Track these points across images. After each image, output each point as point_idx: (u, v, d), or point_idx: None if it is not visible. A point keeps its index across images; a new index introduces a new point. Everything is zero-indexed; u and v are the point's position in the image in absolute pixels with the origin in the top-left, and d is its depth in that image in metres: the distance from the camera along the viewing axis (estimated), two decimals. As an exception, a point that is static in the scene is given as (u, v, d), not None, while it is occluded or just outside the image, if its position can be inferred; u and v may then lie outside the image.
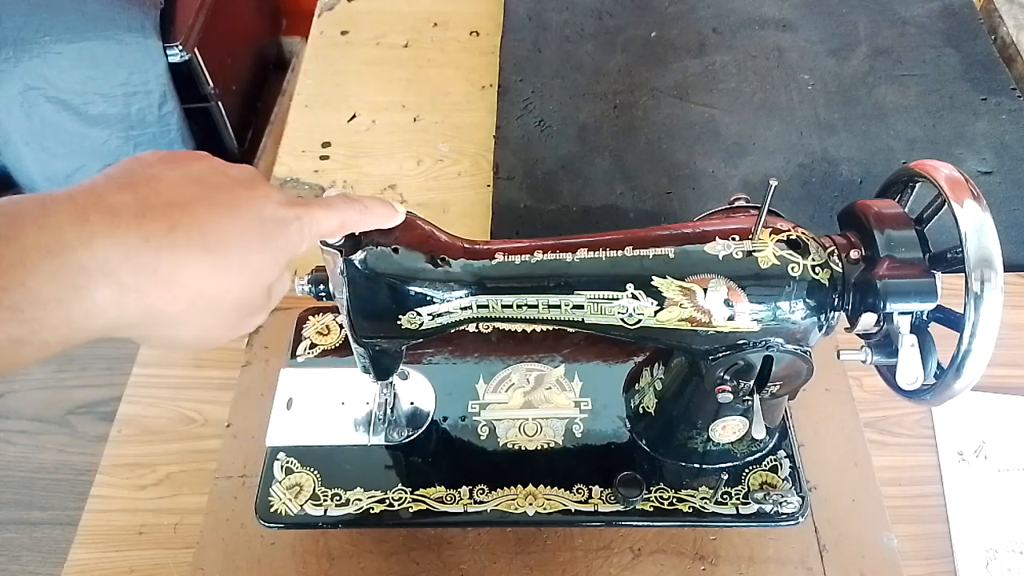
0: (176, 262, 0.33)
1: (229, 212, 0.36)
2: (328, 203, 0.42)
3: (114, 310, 0.32)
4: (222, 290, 0.35)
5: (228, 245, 0.35)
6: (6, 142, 1.10)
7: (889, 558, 0.61)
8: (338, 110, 1.00)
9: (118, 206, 0.32)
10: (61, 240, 0.30)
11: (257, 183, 0.39)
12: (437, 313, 0.51)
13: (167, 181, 0.35)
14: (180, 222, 0.34)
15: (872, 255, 0.48)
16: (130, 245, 0.32)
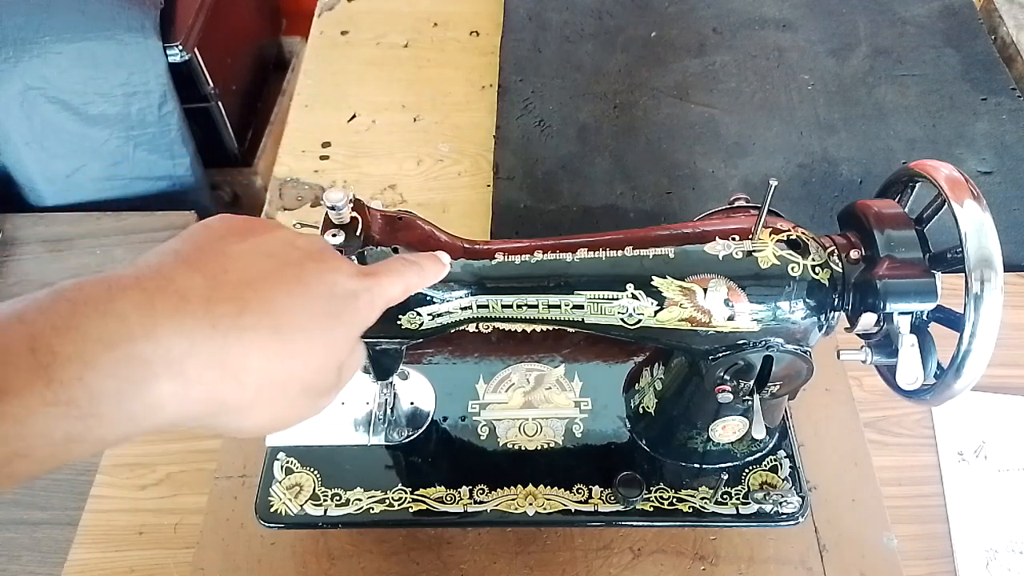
0: (244, 349, 0.31)
1: (299, 290, 0.34)
2: (392, 269, 0.42)
3: (176, 404, 0.30)
4: (291, 374, 0.34)
5: (298, 326, 0.33)
6: (6, 142, 1.10)
7: (889, 558, 0.61)
8: (338, 110, 1.00)
9: (186, 290, 0.31)
10: (125, 330, 0.28)
11: (327, 255, 0.37)
12: (437, 313, 0.51)
13: (236, 257, 0.34)
14: (249, 304, 0.32)
15: (872, 255, 0.48)
16: (197, 335, 0.30)
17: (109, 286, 0.30)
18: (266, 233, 0.36)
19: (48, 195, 1.14)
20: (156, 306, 0.29)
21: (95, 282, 0.30)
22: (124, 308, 0.29)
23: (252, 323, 0.32)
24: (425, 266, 0.45)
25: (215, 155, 1.31)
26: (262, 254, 0.35)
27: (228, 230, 0.35)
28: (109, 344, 0.28)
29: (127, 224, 0.87)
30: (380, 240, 0.48)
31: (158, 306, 0.30)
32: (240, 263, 0.33)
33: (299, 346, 0.34)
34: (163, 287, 0.30)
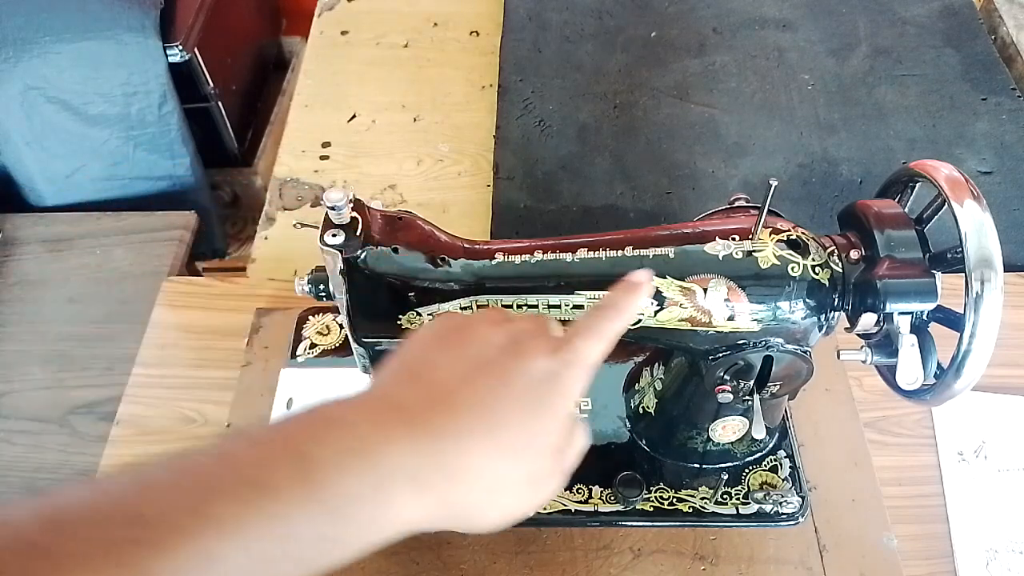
0: (462, 452, 0.34)
1: (501, 389, 0.36)
2: (587, 329, 0.40)
3: (416, 507, 0.33)
4: (512, 469, 0.35)
5: (507, 423, 0.35)
6: (6, 142, 1.10)
7: (889, 558, 0.61)
8: (338, 110, 1.00)
9: (407, 402, 0.35)
10: (365, 441, 0.32)
11: (521, 346, 0.38)
12: (437, 313, 0.51)
13: (442, 366, 0.37)
14: (459, 410, 0.35)
15: (872, 255, 0.48)
16: (421, 444, 0.33)
17: (349, 405, 0.34)
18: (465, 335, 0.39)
19: (48, 195, 1.14)
20: (386, 420, 0.33)
21: (339, 402, 0.35)
22: (362, 422, 0.33)
23: (466, 427, 0.34)
24: (620, 306, 0.42)
25: (215, 155, 1.31)
26: (461, 359, 0.37)
27: (430, 340, 0.39)
28: (355, 453, 0.32)
29: (127, 224, 0.87)
30: (380, 240, 0.48)
31: (388, 419, 0.34)
32: (445, 371, 0.37)
33: (512, 441, 0.35)
34: (388, 403, 0.35)
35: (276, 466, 0.30)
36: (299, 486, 0.30)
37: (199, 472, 0.30)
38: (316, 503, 0.30)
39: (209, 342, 0.75)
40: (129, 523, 0.28)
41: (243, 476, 0.30)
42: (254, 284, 0.81)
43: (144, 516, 0.28)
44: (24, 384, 0.74)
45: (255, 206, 1.33)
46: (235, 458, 0.31)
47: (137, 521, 0.28)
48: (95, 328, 0.78)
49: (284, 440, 0.32)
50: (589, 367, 0.39)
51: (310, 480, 0.30)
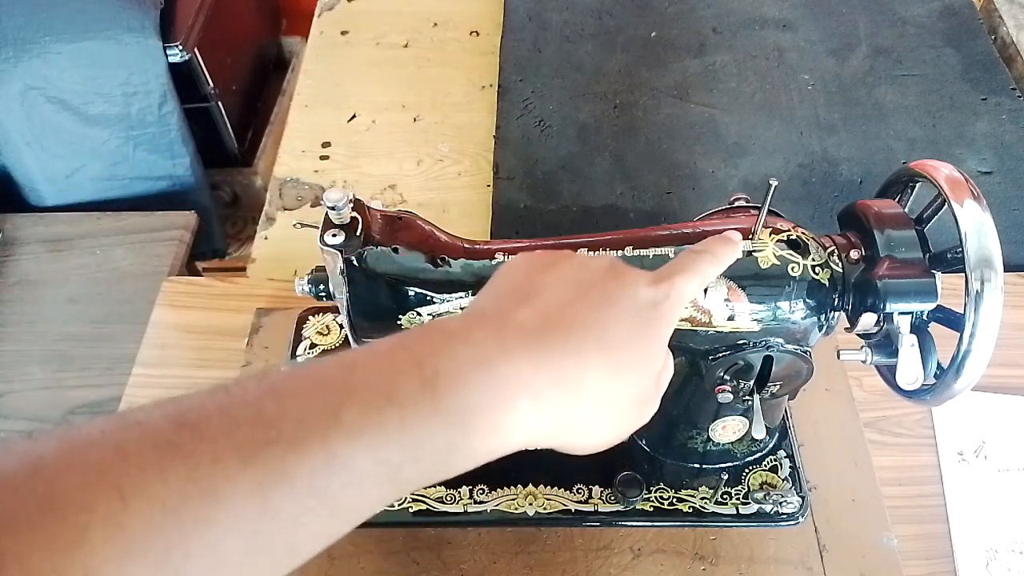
0: (580, 367, 0.35)
1: (608, 307, 0.37)
2: (684, 266, 0.42)
3: (533, 419, 0.34)
4: (622, 386, 0.37)
5: (617, 342, 0.36)
6: (6, 142, 1.10)
7: (889, 558, 0.61)
8: (338, 110, 1.00)
9: (522, 321, 0.35)
10: (485, 354, 0.33)
11: (621, 270, 0.40)
12: (437, 313, 0.51)
13: (548, 287, 0.38)
14: (573, 327, 0.36)
15: (872, 255, 0.48)
16: (540, 356, 0.34)
17: (463, 321, 0.36)
18: (563, 261, 0.40)
19: (48, 195, 1.14)
20: (505, 335, 0.35)
21: (452, 320, 0.36)
22: (482, 337, 0.34)
23: (580, 343, 0.35)
24: (717, 252, 0.44)
25: (215, 155, 1.31)
26: (566, 281, 0.38)
27: (531, 266, 0.40)
28: (478, 364, 0.33)
29: (127, 224, 0.87)
30: (380, 240, 0.48)
31: (506, 335, 0.35)
32: (553, 292, 0.37)
33: (623, 358, 0.37)
34: (504, 321, 0.36)
35: (401, 376, 0.31)
36: (424, 396, 0.31)
37: (326, 379, 0.31)
38: (441, 412, 0.31)
39: (209, 342, 0.75)
40: (260, 424, 0.29)
41: (370, 384, 0.31)
42: (254, 284, 0.81)
43: (274, 418, 0.29)
44: (24, 384, 0.74)
45: (255, 206, 1.33)
46: (360, 368, 0.32)
47: (267, 422, 0.29)
48: (95, 328, 0.78)
49: (407, 352, 0.33)
50: (683, 302, 0.41)
51: (435, 390, 0.31)
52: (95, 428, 0.28)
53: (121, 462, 0.27)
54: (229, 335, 0.75)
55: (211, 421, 0.29)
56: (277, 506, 0.28)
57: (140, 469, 0.27)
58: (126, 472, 0.27)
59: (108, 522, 0.26)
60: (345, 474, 0.29)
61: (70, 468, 0.27)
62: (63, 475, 0.26)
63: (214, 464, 0.28)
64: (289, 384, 0.31)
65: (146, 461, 0.27)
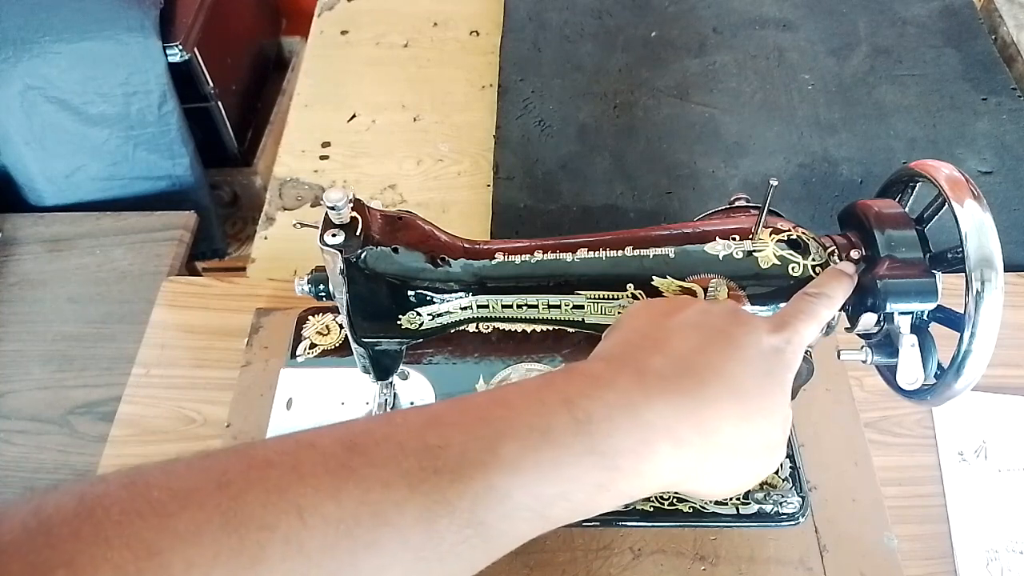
0: (715, 414, 0.36)
1: (736, 354, 0.38)
2: (801, 311, 0.43)
3: (672, 463, 0.35)
4: (754, 433, 0.37)
5: (746, 389, 0.37)
6: (6, 142, 1.10)
7: (889, 558, 0.61)
8: (338, 110, 1.00)
9: (659, 369, 0.36)
10: (631, 400, 0.35)
11: (742, 316, 0.41)
12: (437, 313, 0.51)
13: (676, 334, 0.39)
14: (707, 376, 0.37)
15: (872, 255, 0.48)
16: (679, 403, 0.35)
17: (607, 366, 0.37)
18: (685, 307, 0.41)
19: (48, 195, 1.14)
20: (646, 383, 0.36)
21: (593, 364, 0.38)
22: (625, 384, 0.35)
23: (714, 392, 0.36)
24: (832, 293, 0.44)
25: (215, 155, 1.31)
26: (691, 327, 0.39)
27: (653, 313, 0.42)
28: (624, 409, 0.34)
29: (127, 224, 0.87)
30: (380, 240, 0.48)
31: (648, 383, 0.36)
32: (681, 339, 0.39)
33: (754, 406, 0.37)
34: (642, 368, 0.37)
35: (554, 416, 0.33)
36: (578, 437, 0.33)
37: (483, 413, 0.33)
38: (594, 454, 0.33)
39: (209, 342, 0.75)
40: (425, 453, 0.30)
41: (525, 421, 0.33)
42: (254, 284, 0.81)
43: (437, 448, 0.31)
44: (24, 384, 0.74)
45: (255, 206, 1.33)
46: (514, 404, 0.34)
47: (432, 452, 0.30)
48: (95, 328, 0.78)
49: (556, 392, 0.34)
50: (804, 347, 0.42)
51: (586, 432, 0.33)
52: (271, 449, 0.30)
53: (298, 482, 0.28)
54: (229, 335, 0.75)
55: (380, 447, 0.30)
56: (440, 534, 0.29)
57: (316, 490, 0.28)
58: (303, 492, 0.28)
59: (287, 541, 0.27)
60: (502, 506, 0.31)
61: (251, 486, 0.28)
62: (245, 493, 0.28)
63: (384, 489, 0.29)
64: (449, 416, 0.33)
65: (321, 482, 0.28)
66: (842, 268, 0.46)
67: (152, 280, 0.81)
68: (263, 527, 0.27)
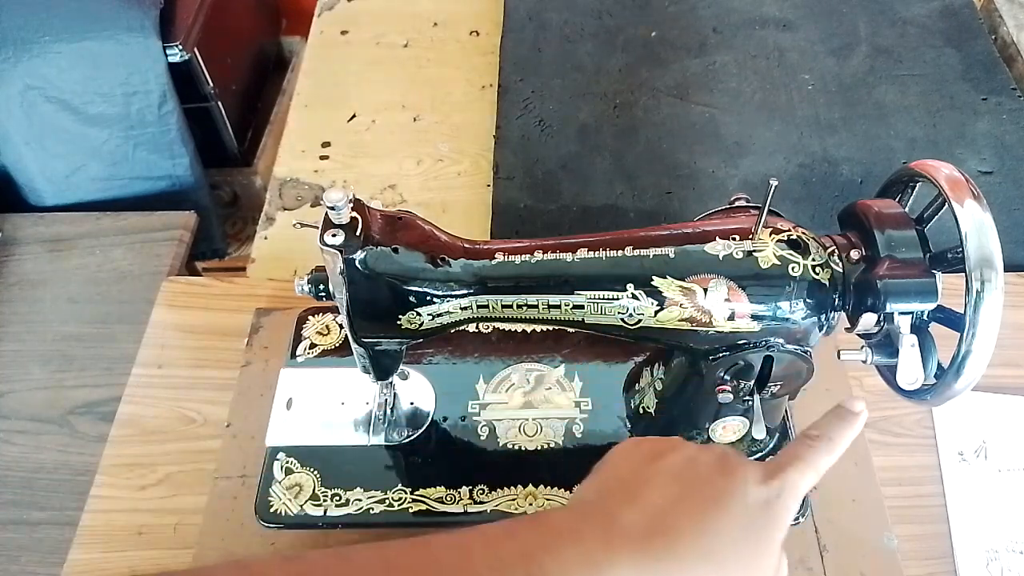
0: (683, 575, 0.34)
1: (715, 511, 0.36)
2: (797, 457, 0.40)
3: None
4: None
5: (724, 549, 0.35)
6: (6, 142, 1.10)
7: (889, 558, 0.61)
8: (338, 110, 1.00)
9: (629, 526, 0.35)
10: (591, 558, 0.34)
11: (731, 465, 0.39)
12: (437, 313, 0.51)
13: (654, 484, 0.37)
14: (680, 535, 0.35)
15: (872, 255, 0.48)
16: (644, 566, 0.34)
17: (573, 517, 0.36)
18: (670, 453, 0.39)
19: (48, 195, 1.14)
20: (612, 539, 0.34)
21: (561, 513, 0.37)
22: (590, 539, 0.34)
23: (685, 553, 0.34)
24: (835, 435, 0.41)
25: (215, 155, 1.31)
26: (672, 477, 0.38)
27: (636, 456, 0.40)
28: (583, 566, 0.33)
29: (127, 224, 0.86)
30: (380, 240, 0.48)
31: (613, 539, 0.34)
32: (658, 491, 0.37)
33: (730, 568, 0.35)
34: (611, 521, 0.35)
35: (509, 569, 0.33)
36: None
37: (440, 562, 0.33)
38: None
39: (209, 342, 0.75)
40: None
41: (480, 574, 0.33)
42: (254, 284, 0.81)
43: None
44: (24, 384, 0.74)
45: (255, 206, 1.33)
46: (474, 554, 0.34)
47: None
48: (95, 328, 0.78)
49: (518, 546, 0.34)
50: (798, 497, 0.39)
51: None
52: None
53: None
54: (229, 335, 0.75)
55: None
56: None
57: None
58: None
59: None
60: None
61: None
62: None
63: None
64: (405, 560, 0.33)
65: None
66: (850, 408, 0.43)
67: (152, 280, 0.81)
68: None
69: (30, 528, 0.65)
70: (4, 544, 0.64)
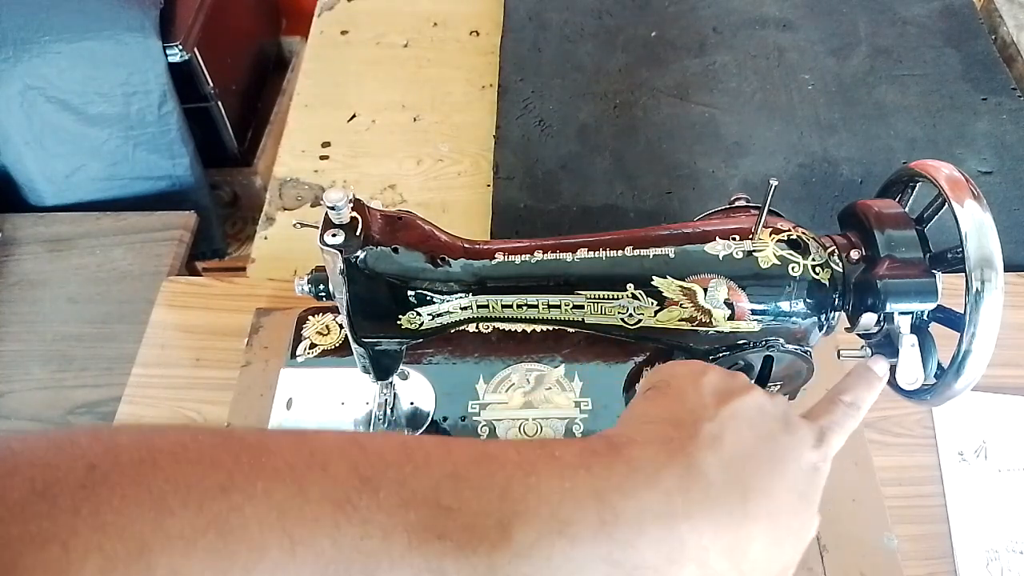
0: (749, 538, 0.33)
1: (780, 471, 0.35)
2: (840, 423, 0.40)
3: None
4: (779, 554, 0.35)
5: (784, 512, 0.35)
6: (6, 142, 1.10)
7: (889, 558, 0.61)
8: (338, 110, 1.00)
9: (708, 473, 0.33)
10: (671, 507, 0.31)
11: (794, 424, 0.38)
12: (437, 313, 0.51)
13: (730, 429, 0.35)
14: (750, 491, 0.34)
15: (872, 255, 0.48)
16: (719, 521, 0.32)
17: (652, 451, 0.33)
18: (742, 395, 0.38)
19: (48, 195, 1.14)
20: (691, 489, 0.32)
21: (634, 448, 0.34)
22: (668, 484, 0.32)
23: (754, 511, 0.33)
24: (863, 405, 0.42)
25: (215, 155, 1.31)
26: (746, 424, 0.36)
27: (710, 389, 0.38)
28: (659, 518, 0.31)
29: (127, 224, 0.87)
30: (380, 240, 0.48)
31: (692, 489, 0.32)
32: (735, 437, 0.35)
33: (784, 530, 0.35)
34: (689, 466, 0.33)
35: (580, 509, 0.31)
36: (598, 540, 0.30)
37: (506, 484, 0.31)
38: (609, 561, 0.30)
39: (209, 342, 0.75)
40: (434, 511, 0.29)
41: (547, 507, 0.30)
42: (254, 284, 0.81)
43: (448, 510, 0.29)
44: (24, 384, 0.74)
45: (255, 206, 1.33)
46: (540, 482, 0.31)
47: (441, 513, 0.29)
48: (95, 328, 0.78)
49: (590, 482, 0.32)
50: (831, 460, 0.39)
51: (611, 536, 0.30)
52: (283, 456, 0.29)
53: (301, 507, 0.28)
54: (229, 335, 0.75)
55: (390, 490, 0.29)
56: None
57: (315, 521, 0.27)
58: (302, 520, 0.27)
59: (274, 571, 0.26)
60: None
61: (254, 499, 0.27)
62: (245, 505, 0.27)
63: (384, 540, 0.28)
64: (469, 474, 0.31)
65: (323, 512, 0.28)
66: (874, 370, 0.43)
67: (152, 280, 0.81)
68: (254, 548, 0.26)
69: (30, 528, 0.65)
70: (4, 544, 0.64)
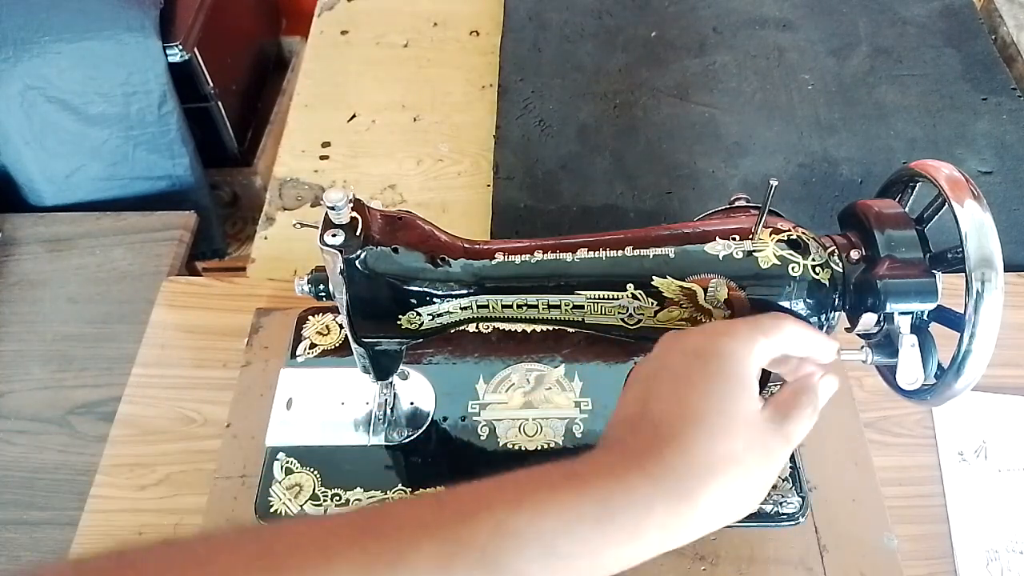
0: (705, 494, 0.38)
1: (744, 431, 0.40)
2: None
3: (659, 542, 0.38)
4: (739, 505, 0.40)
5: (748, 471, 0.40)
6: (6, 142, 1.10)
7: (889, 558, 0.61)
8: (338, 110, 1.00)
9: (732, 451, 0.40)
10: (631, 498, 0.37)
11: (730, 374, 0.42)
12: (437, 313, 0.51)
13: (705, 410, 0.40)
14: None
15: (872, 255, 0.48)
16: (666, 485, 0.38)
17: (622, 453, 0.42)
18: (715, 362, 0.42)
19: (48, 195, 1.14)
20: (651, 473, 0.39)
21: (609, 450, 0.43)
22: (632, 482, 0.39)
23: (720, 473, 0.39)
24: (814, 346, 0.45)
25: (215, 155, 1.31)
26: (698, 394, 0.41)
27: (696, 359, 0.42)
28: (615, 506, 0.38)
29: (127, 224, 0.87)
30: (380, 240, 0.48)
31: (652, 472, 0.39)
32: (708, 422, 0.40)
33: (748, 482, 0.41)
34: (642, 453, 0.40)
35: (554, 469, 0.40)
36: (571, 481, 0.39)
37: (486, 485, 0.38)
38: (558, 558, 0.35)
39: (209, 342, 0.75)
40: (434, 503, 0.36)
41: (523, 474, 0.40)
42: (254, 284, 0.81)
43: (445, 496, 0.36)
44: (24, 384, 0.74)
45: (255, 206, 1.33)
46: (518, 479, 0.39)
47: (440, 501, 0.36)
48: (95, 328, 0.78)
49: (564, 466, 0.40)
50: None
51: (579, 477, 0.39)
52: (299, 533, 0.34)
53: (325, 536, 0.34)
54: (229, 335, 0.75)
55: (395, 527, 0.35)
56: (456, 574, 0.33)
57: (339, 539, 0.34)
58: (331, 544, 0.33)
59: None
60: (514, 543, 0.34)
61: (280, 535, 0.34)
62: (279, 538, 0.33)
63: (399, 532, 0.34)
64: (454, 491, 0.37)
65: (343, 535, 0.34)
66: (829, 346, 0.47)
67: (152, 280, 0.81)
68: (293, 568, 0.31)
69: (30, 528, 0.65)
70: (4, 544, 0.64)
